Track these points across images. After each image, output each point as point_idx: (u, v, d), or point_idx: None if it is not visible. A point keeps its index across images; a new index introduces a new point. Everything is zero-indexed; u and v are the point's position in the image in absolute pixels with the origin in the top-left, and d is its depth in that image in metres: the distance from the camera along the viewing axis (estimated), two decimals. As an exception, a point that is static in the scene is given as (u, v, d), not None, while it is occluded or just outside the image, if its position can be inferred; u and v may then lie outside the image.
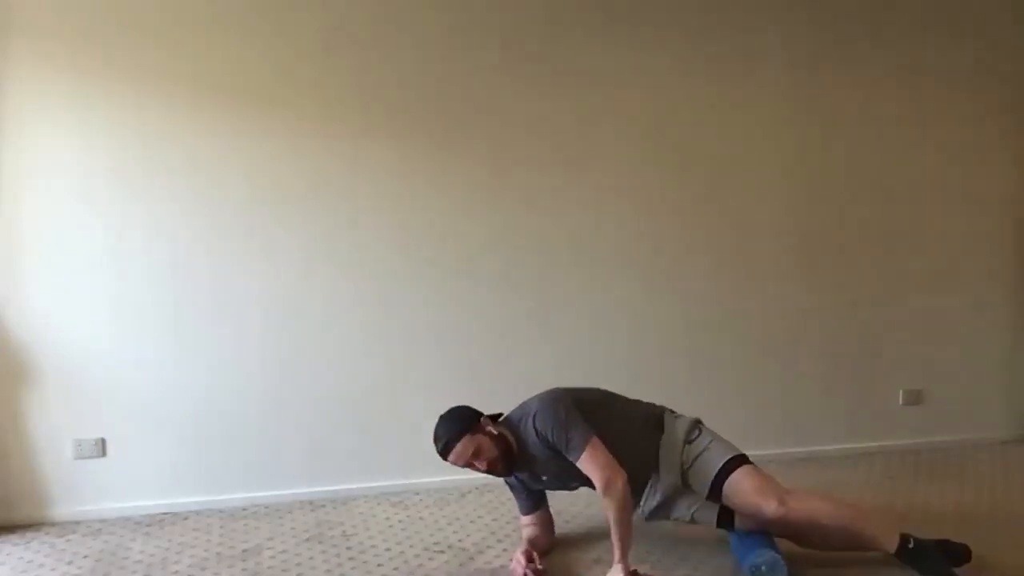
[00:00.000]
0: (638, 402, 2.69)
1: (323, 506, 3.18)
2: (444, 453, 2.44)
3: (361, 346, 3.29)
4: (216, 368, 3.13)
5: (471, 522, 2.99)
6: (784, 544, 2.46)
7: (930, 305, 3.98)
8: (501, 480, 2.65)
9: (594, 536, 2.79)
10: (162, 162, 3.04)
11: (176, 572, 2.55)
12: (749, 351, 3.74)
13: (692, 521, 2.55)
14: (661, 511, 2.54)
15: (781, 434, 3.70)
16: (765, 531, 2.46)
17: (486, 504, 3.18)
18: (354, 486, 3.29)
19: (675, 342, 3.65)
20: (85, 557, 2.67)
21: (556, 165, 3.47)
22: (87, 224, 2.99)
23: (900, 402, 3.97)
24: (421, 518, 3.03)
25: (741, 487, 2.40)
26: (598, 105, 3.50)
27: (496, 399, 2.60)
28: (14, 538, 2.84)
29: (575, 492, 2.70)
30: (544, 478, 2.57)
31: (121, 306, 3.03)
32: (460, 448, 2.41)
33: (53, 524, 2.96)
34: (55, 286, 2.96)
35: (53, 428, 2.98)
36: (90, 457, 3.02)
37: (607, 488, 2.32)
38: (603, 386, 2.69)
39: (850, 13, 3.80)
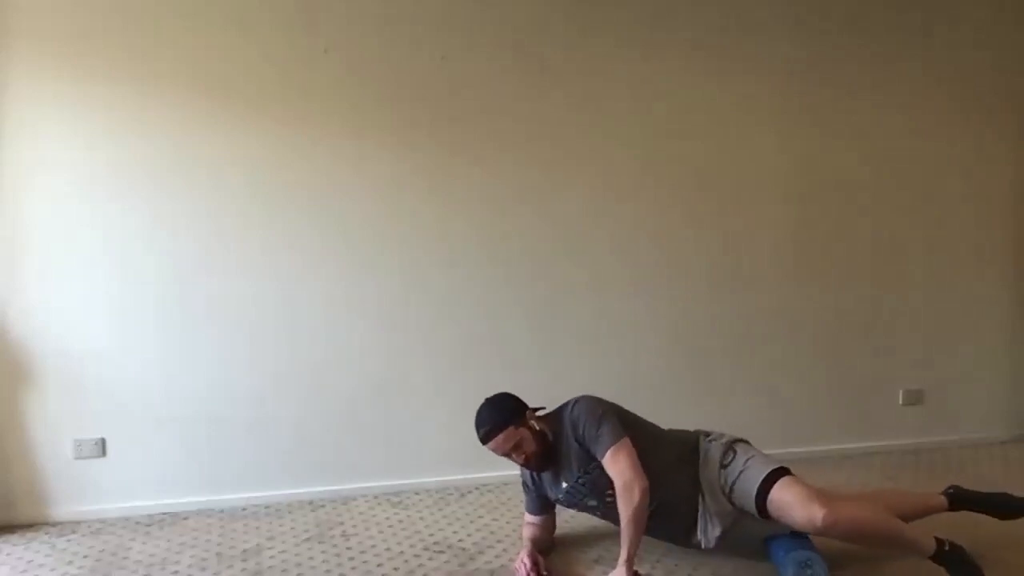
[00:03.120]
0: (671, 431, 2.61)
1: (323, 506, 3.18)
2: (484, 440, 2.43)
3: (361, 346, 3.29)
4: (216, 368, 3.13)
5: (471, 522, 2.99)
6: (820, 541, 2.40)
7: (930, 305, 3.99)
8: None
9: (594, 536, 2.79)
10: (162, 162, 3.04)
11: (176, 572, 2.55)
12: (749, 351, 3.75)
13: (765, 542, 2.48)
14: (726, 540, 2.45)
15: (781, 434, 3.69)
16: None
17: (486, 504, 3.18)
18: (354, 486, 3.29)
19: (675, 342, 3.65)
20: (85, 557, 2.67)
21: (556, 166, 3.47)
22: (87, 224, 2.99)
23: (900, 402, 3.98)
24: (421, 518, 3.03)
25: (784, 501, 2.27)
26: (599, 106, 3.51)
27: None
28: (14, 538, 2.84)
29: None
30: (564, 485, 2.51)
31: (121, 306, 3.03)
32: (502, 438, 2.40)
33: (53, 524, 2.96)
34: (55, 286, 2.96)
35: (53, 428, 2.98)
36: (90, 457, 3.02)
37: (626, 490, 2.29)
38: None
39: (851, 19, 3.80)
